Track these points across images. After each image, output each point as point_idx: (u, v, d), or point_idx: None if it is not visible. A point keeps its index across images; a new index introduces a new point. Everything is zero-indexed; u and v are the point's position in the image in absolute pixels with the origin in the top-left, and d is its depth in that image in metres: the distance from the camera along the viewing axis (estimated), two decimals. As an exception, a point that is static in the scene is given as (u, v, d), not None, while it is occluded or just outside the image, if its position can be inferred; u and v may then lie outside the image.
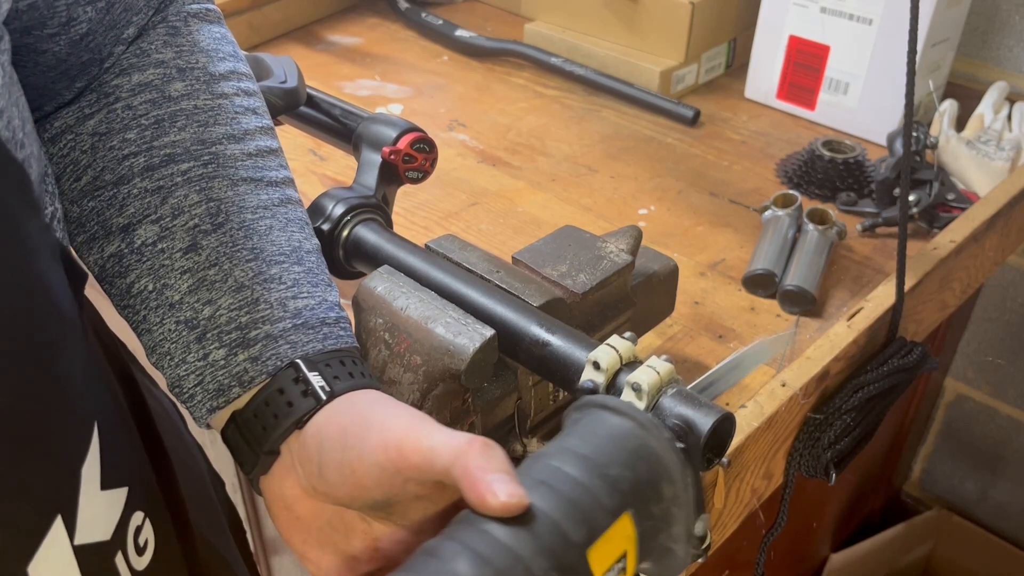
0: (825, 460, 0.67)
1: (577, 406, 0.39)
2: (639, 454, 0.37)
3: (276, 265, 0.46)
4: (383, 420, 0.40)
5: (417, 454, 0.37)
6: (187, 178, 0.45)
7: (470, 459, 0.35)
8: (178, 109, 0.46)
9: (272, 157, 0.49)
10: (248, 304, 0.44)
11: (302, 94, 0.76)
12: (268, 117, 0.51)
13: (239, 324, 0.44)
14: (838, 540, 1.27)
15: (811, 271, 0.79)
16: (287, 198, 0.49)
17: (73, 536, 0.36)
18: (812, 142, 0.94)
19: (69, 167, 0.46)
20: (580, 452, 0.36)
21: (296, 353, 0.44)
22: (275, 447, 0.43)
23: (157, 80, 0.46)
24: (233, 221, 0.45)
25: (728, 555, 0.82)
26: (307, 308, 0.46)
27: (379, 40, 1.26)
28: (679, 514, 0.38)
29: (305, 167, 0.97)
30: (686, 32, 1.07)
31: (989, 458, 1.36)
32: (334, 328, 0.46)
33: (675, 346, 0.74)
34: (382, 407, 0.41)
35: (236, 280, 0.45)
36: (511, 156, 1.00)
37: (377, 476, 0.38)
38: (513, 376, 0.57)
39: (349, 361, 0.45)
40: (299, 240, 0.48)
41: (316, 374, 0.43)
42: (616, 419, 0.38)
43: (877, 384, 0.69)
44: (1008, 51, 1.11)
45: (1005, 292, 1.23)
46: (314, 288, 0.47)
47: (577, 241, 0.63)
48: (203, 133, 0.46)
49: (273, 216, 0.47)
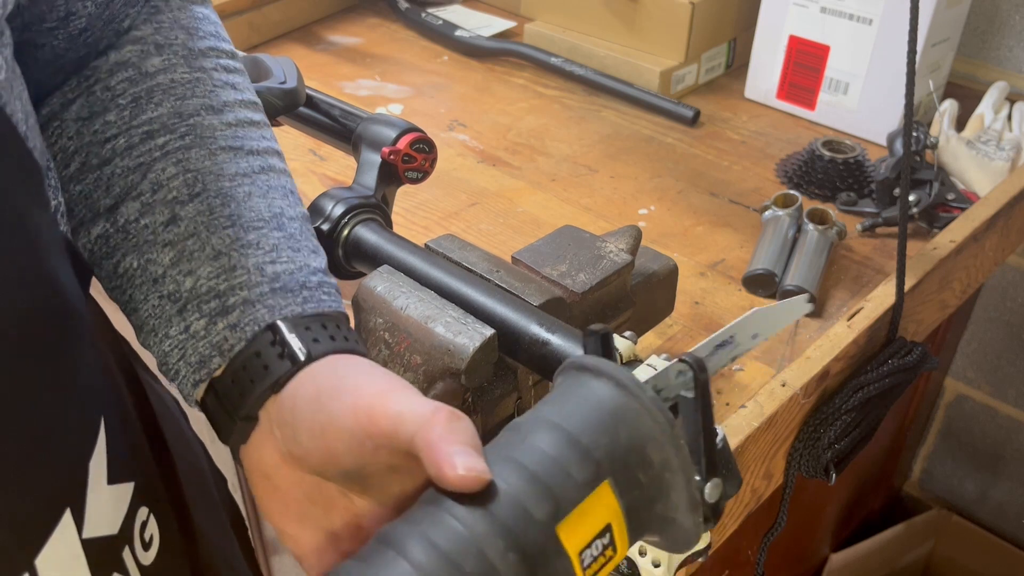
0: (825, 460, 0.67)
1: (560, 370, 0.36)
2: (618, 417, 0.33)
3: (254, 231, 0.45)
4: (357, 384, 0.38)
5: (386, 419, 0.35)
6: (164, 152, 0.44)
7: (433, 429, 0.33)
8: (155, 84, 0.45)
9: (252, 128, 0.48)
10: (226, 271, 0.43)
11: (301, 94, 0.76)
12: (250, 93, 0.50)
13: (217, 292, 0.43)
14: (838, 540, 1.27)
15: (811, 271, 0.79)
16: (268, 166, 0.47)
17: (81, 529, 0.36)
18: (812, 142, 0.94)
19: (59, 155, 0.45)
20: (552, 420, 0.34)
21: (274, 316, 0.43)
22: (252, 412, 0.42)
23: (134, 57, 0.46)
24: (211, 190, 0.44)
25: (728, 555, 0.82)
26: (286, 272, 0.44)
27: (379, 40, 1.26)
28: (675, 479, 0.34)
29: (305, 167, 0.97)
30: (686, 32, 1.07)
31: (989, 458, 1.36)
32: (315, 292, 0.45)
33: (675, 346, 0.74)
34: (360, 371, 0.40)
35: (213, 248, 0.44)
36: (511, 156, 1.00)
37: (347, 441, 0.37)
38: (513, 376, 0.57)
39: (332, 325, 0.43)
40: (280, 206, 0.46)
41: (294, 336, 0.42)
42: (594, 381, 0.34)
43: (877, 384, 0.69)
44: (1008, 51, 1.11)
45: (1005, 292, 1.23)
46: (295, 253, 0.45)
47: (577, 241, 0.63)
48: (180, 106, 0.45)
49: (252, 183, 0.46)
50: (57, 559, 0.34)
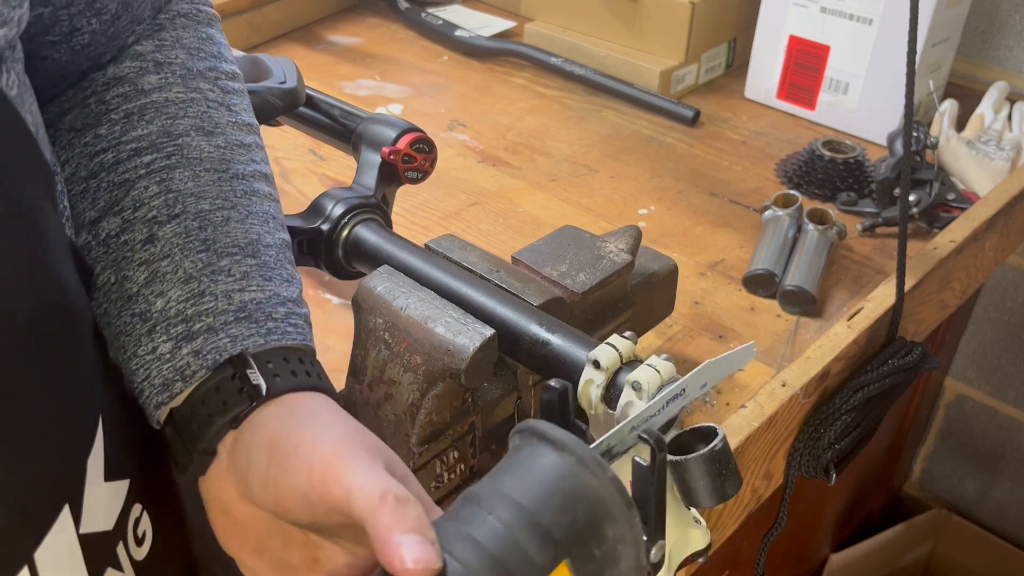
0: (825, 460, 0.67)
1: (518, 429, 0.36)
2: (577, 495, 0.34)
3: (227, 257, 0.44)
4: (313, 440, 0.38)
5: (338, 490, 0.36)
6: (149, 170, 0.44)
7: (380, 517, 0.33)
8: (148, 102, 0.46)
9: (242, 151, 0.48)
10: (195, 296, 0.43)
11: (301, 94, 0.76)
12: (249, 115, 0.50)
13: (184, 316, 0.43)
14: (838, 540, 1.27)
15: (811, 271, 0.79)
16: (252, 191, 0.47)
17: (79, 525, 0.36)
18: (812, 142, 0.94)
19: None
20: (512, 496, 0.33)
21: (235, 347, 0.43)
22: (210, 447, 0.42)
23: (132, 73, 0.46)
24: (189, 212, 0.44)
25: (728, 555, 0.82)
26: (253, 302, 0.44)
27: (379, 40, 1.26)
28: (626, 551, 0.35)
29: (305, 167, 0.97)
30: (686, 32, 1.07)
31: (989, 458, 1.36)
32: (281, 323, 0.44)
33: (675, 346, 0.74)
34: (318, 422, 0.40)
35: (185, 271, 0.44)
36: (511, 156, 1.00)
37: (300, 501, 0.37)
38: (513, 376, 0.57)
39: (295, 359, 0.43)
40: (258, 233, 0.46)
41: (254, 371, 0.42)
42: (554, 455, 0.34)
43: (877, 384, 0.69)
44: (1008, 51, 1.11)
45: (1005, 292, 1.23)
46: (266, 282, 0.45)
47: (577, 241, 0.63)
48: (170, 125, 0.45)
49: (233, 207, 0.46)
50: (55, 553, 0.35)
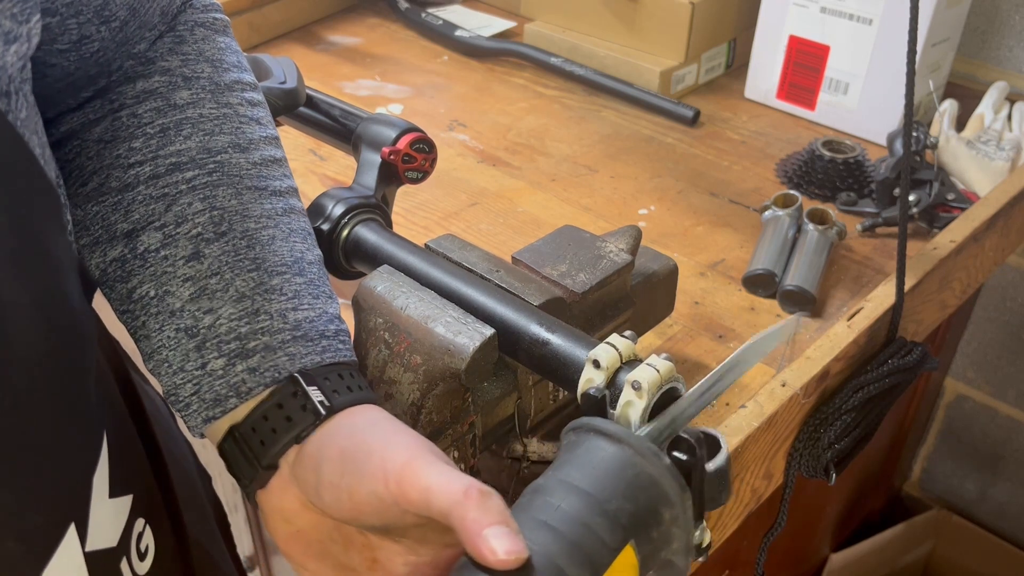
0: (825, 460, 0.67)
1: (573, 427, 0.39)
2: (638, 483, 0.37)
3: (278, 276, 0.46)
4: (384, 447, 0.39)
5: (416, 492, 0.37)
6: (191, 186, 0.45)
7: (467, 511, 0.35)
8: (184, 118, 0.46)
9: (276, 167, 0.49)
10: (249, 315, 0.44)
11: (301, 95, 0.76)
12: (272, 127, 0.51)
13: (238, 334, 0.44)
14: (838, 540, 1.27)
15: (811, 271, 0.79)
16: (290, 208, 0.48)
17: (84, 543, 0.37)
18: (812, 142, 0.94)
19: (75, 171, 0.46)
20: (579, 487, 0.36)
21: (294, 365, 0.44)
22: (274, 462, 0.43)
23: (163, 88, 0.46)
24: (236, 230, 0.45)
25: (728, 555, 0.82)
26: (307, 320, 0.45)
27: (379, 40, 1.26)
28: (679, 532, 0.38)
29: (305, 167, 0.97)
30: (686, 32, 1.07)
31: (989, 458, 1.36)
32: (333, 341, 0.46)
33: (675, 346, 0.74)
34: (382, 431, 0.41)
35: (237, 290, 0.44)
36: (511, 156, 1.00)
37: (376, 505, 0.38)
38: (513, 376, 0.57)
39: (348, 375, 0.45)
40: (301, 251, 0.48)
41: (315, 388, 0.43)
42: (612, 447, 0.38)
43: (877, 384, 0.69)
44: (1008, 51, 1.11)
45: (1005, 292, 1.23)
46: (315, 300, 0.46)
47: (577, 241, 0.63)
48: (208, 142, 0.46)
49: (276, 226, 0.47)
50: (61, 572, 0.35)
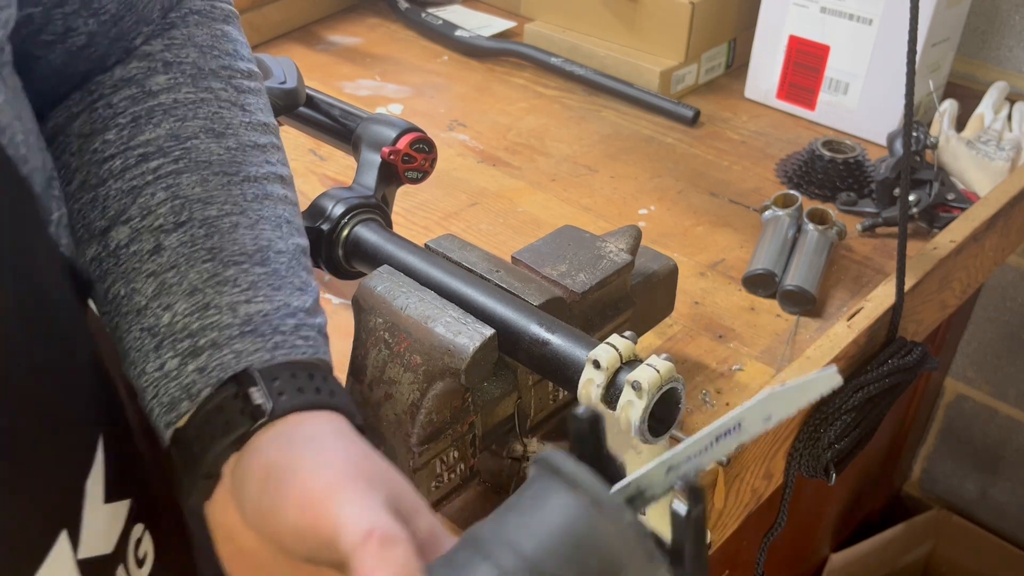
0: (825, 460, 0.67)
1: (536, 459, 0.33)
2: (589, 543, 0.30)
3: (234, 266, 0.42)
4: (309, 468, 0.35)
5: (327, 526, 0.33)
6: (156, 176, 0.42)
7: (364, 558, 0.31)
8: (156, 104, 0.44)
9: (256, 152, 0.46)
10: (199, 309, 0.41)
11: (301, 94, 0.76)
12: (264, 113, 0.48)
13: (190, 331, 0.41)
14: (838, 540, 1.27)
15: (811, 271, 0.79)
16: (265, 194, 0.45)
17: (77, 550, 0.36)
18: (812, 142, 0.94)
19: (62, 170, 0.44)
20: (514, 541, 0.30)
21: (239, 364, 0.40)
22: (213, 470, 0.39)
23: (139, 74, 0.44)
24: (196, 219, 0.42)
25: (728, 555, 0.82)
26: (260, 314, 0.41)
27: (379, 40, 1.26)
28: None
29: (305, 167, 0.97)
30: (686, 32, 1.07)
31: (989, 458, 1.36)
32: (290, 336, 0.41)
33: (675, 346, 0.74)
34: (317, 446, 0.37)
35: (190, 283, 0.41)
36: (511, 156, 1.00)
37: (293, 534, 0.35)
38: (513, 375, 0.57)
39: (304, 375, 0.40)
40: (269, 239, 0.44)
41: (257, 388, 0.39)
42: (567, 494, 0.30)
43: (877, 384, 0.69)
44: (1008, 51, 1.11)
45: (1005, 292, 1.23)
46: (274, 292, 0.42)
47: (577, 241, 0.63)
48: (179, 128, 0.43)
49: (242, 212, 0.43)
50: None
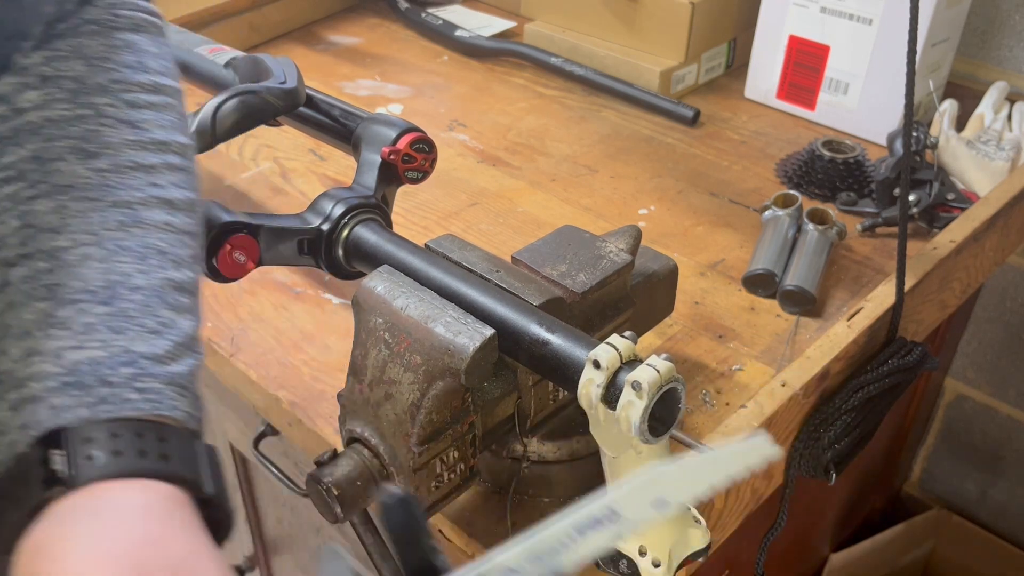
0: (825, 460, 0.67)
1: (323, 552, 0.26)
2: None
3: (70, 305, 0.37)
4: (70, 553, 0.31)
5: None
6: (13, 202, 0.38)
7: None
8: (23, 123, 0.39)
9: (139, 174, 0.40)
10: (28, 355, 0.36)
11: (301, 95, 0.76)
12: (167, 131, 0.43)
13: (17, 380, 0.36)
14: (838, 540, 1.27)
15: (811, 271, 0.79)
16: (136, 220, 0.39)
17: None
18: (812, 142, 0.94)
19: None
20: None
21: (54, 421, 0.34)
22: (8, 547, 0.33)
23: (10, 91, 0.40)
24: (43, 250, 0.37)
25: (728, 555, 0.82)
26: (88, 362, 0.36)
27: (379, 40, 1.26)
28: None
29: (305, 167, 0.97)
30: (686, 32, 1.07)
31: (989, 458, 1.36)
32: (120, 389, 0.36)
33: (675, 346, 0.74)
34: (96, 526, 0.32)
35: (23, 324, 0.36)
36: (511, 156, 1.00)
37: None
38: (513, 375, 0.57)
39: (129, 435, 0.35)
40: (125, 273, 0.38)
41: (60, 452, 0.34)
42: None
43: (877, 384, 0.69)
44: (1008, 51, 1.11)
45: (1005, 292, 1.23)
46: (114, 335, 0.37)
47: (577, 241, 0.63)
48: (44, 149, 0.39)
49: (99, 243, 0.38)
50: None
